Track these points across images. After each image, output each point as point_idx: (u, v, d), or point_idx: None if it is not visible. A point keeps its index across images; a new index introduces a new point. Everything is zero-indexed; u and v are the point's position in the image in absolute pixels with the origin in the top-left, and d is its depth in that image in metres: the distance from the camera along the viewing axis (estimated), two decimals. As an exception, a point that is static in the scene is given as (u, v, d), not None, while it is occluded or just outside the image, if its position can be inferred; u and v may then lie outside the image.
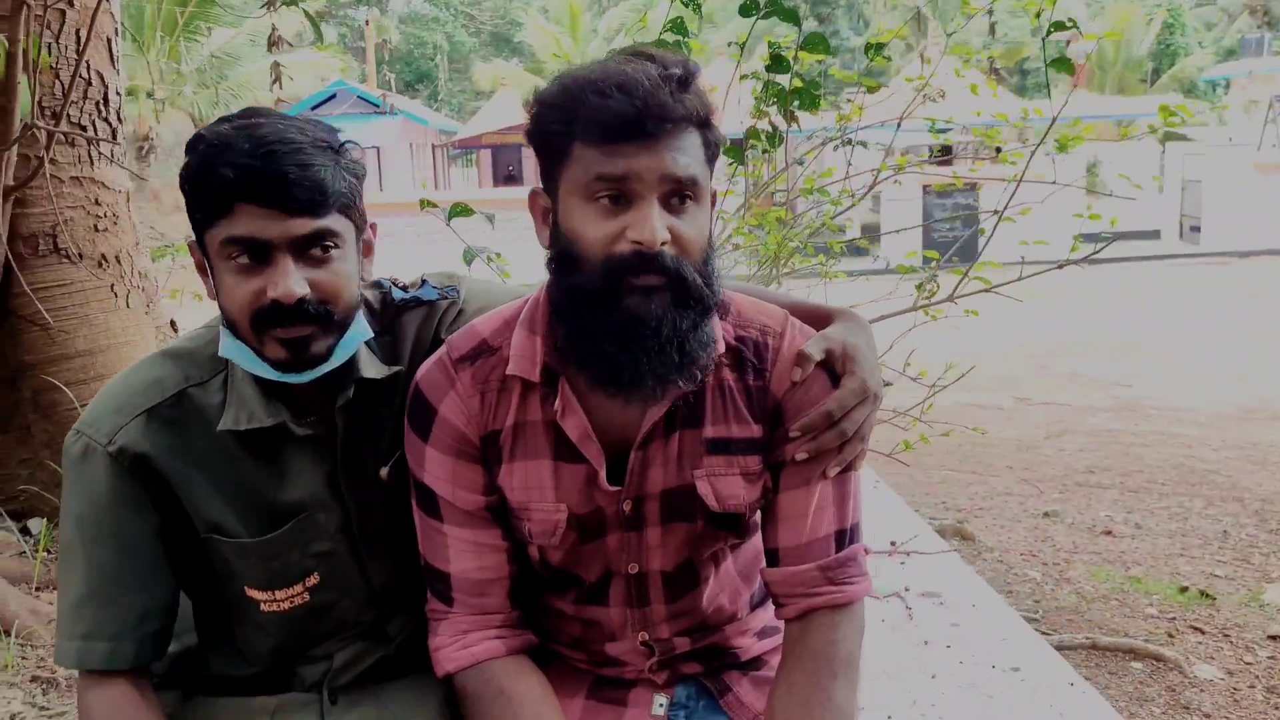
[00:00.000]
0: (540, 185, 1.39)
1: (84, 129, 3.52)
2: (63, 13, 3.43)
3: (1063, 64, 2.55)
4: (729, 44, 3.48)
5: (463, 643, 1.51)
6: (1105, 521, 5.23)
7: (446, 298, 1.68)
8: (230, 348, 1.45)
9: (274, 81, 7.00)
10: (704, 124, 1.33)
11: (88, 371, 3.53)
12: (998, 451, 6.69)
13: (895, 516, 4.31)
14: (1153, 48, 34.14)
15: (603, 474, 1.44)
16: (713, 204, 1.44)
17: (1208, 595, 4.20)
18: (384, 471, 1.57)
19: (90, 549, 1.49)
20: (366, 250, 1.53)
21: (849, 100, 3.63)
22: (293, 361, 1.42)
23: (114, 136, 3.62)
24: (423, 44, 37.59)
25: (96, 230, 3.62)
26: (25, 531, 3.47)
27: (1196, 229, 19.72)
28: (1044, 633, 3.78)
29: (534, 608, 1.60)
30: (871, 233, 17.56)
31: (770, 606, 1.65)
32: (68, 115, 3.46)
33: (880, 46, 3.50)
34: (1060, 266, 2.97)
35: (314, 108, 20.95)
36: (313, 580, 1.57)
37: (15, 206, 3.41)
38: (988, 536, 4.99)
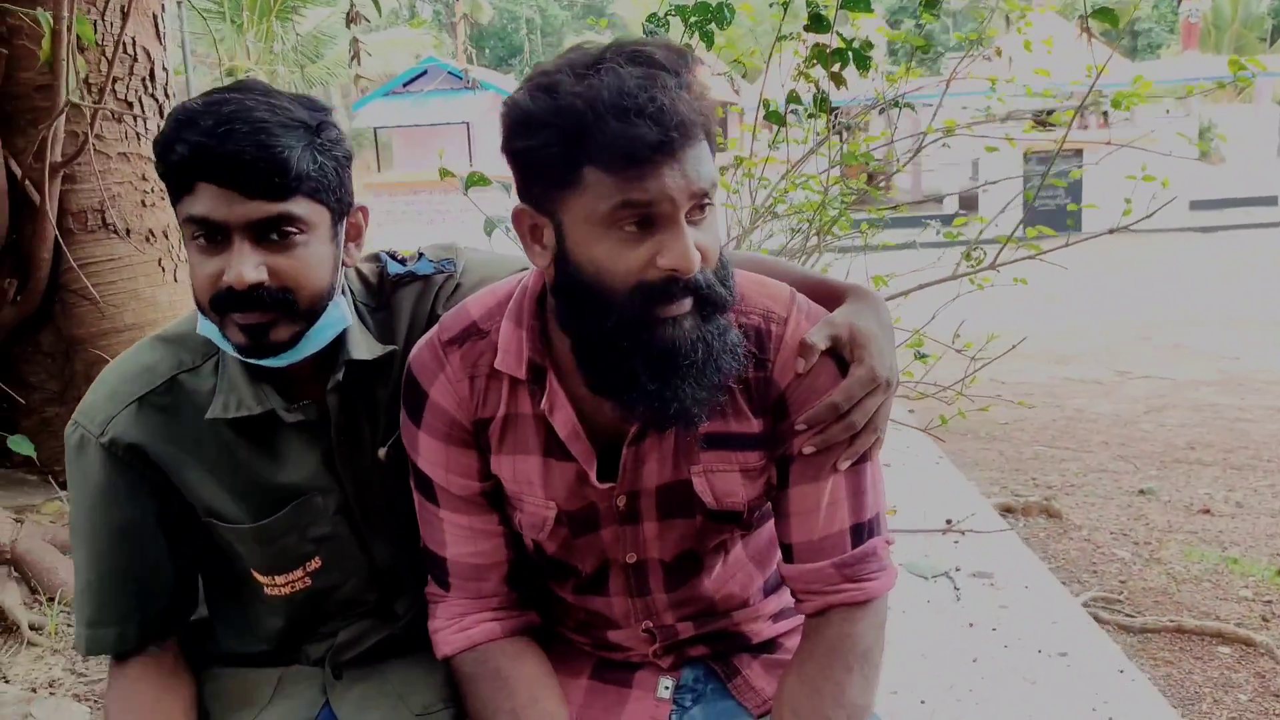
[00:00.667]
0: (525, 203, 1.28)
1: (130, 105, 3.55)
2: (107, -11, 3.46)
3: (1106, 15, 2.36)
4: (770, 4, 3.37)
5: (459, 625, 1.49)
6: (1204, 499, 5.00)
7: (443, 271, 1.64)
8: (205, 326, 1.42)
9: (353, 58, 7.07)
10: (710, 118, 1.23)
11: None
12: (1094, 426, 6.46)
13: (955, 493, 4.18)
14: (1274, 4, 32.41)
15: (592, 473, 1.39)
16: None
17: (1308, 577, 3.98)
18: (383, 452, 1.54)
19: (92, 537, 1.50)
20: (353, 234, 1.47)
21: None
22: (252, 347, 1.38)
23: (160, 112, 3.66)
24: (515, 18, 37.74)
25: (144, 205, 3.66)
26: (77, 501, 3.54)
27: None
28: (1126, 615, 3.66)
29: (538, 592, 1.57)
30: (970, 204, 17.21)
31: (786, 591, 1.58)
32: (113, 91, 3.50)
33: (933, 3, 3.34)
34: (1111, 232, 2.79)
35: (406, 84, 21.21)
36: (314, 564, 1.56)
37: (64, 183, 3.47)
38: (1077, 514, 4.81)
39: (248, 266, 1.31)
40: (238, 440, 1.49)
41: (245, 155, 1.28)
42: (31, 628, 3.04)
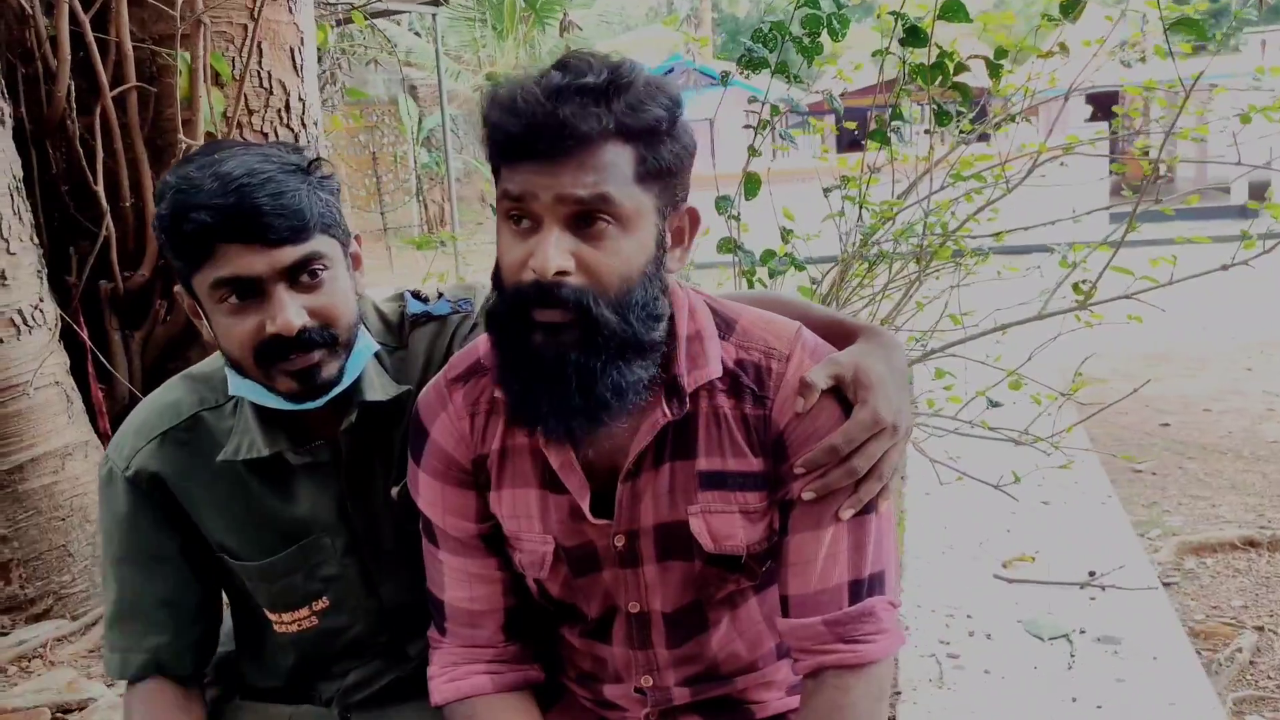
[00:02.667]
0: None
1: (265, 136, 3.74)
2: (245, 28, 3.65)
3: (1191, 27, 2.02)
4: (877, 15, 3.13)
5: (452, 674, 1.47)
6: None
7: (459, 311, 1.64)
8: (240, 386, 1.47)
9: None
10: (637, 136, 1.20)
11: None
12: None
13: (1111, 540, 3.78)
14: None
15: (586, 505, 1.35)
16: (692, 226, 1.33)
17: None
18: (395, 492, 1.55)
19: (118, 568, 1.57)
20: (355, 263, 1.51)
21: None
22: (305, 390, 1.42)
23: (295, 141, 3.83)
24: (772, 12, 37.53)
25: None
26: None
27: None
28: None
29: (547, 635, 1.55)
30: (1260, 194, 15.54)
31: None
32: (250, 123, 3.69)
33: (1069, 7, 3.01)
34: (1225, 269, 2.41)
35: (652, 83, 21.44)
36: (320, 604, 1.59)
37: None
38: None
39: (293, 312, 1.35)
40: (251, 479, 1.54)
41: (264, 208, 1.32)
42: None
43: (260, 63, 3.65)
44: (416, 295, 1.67)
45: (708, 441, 1.33)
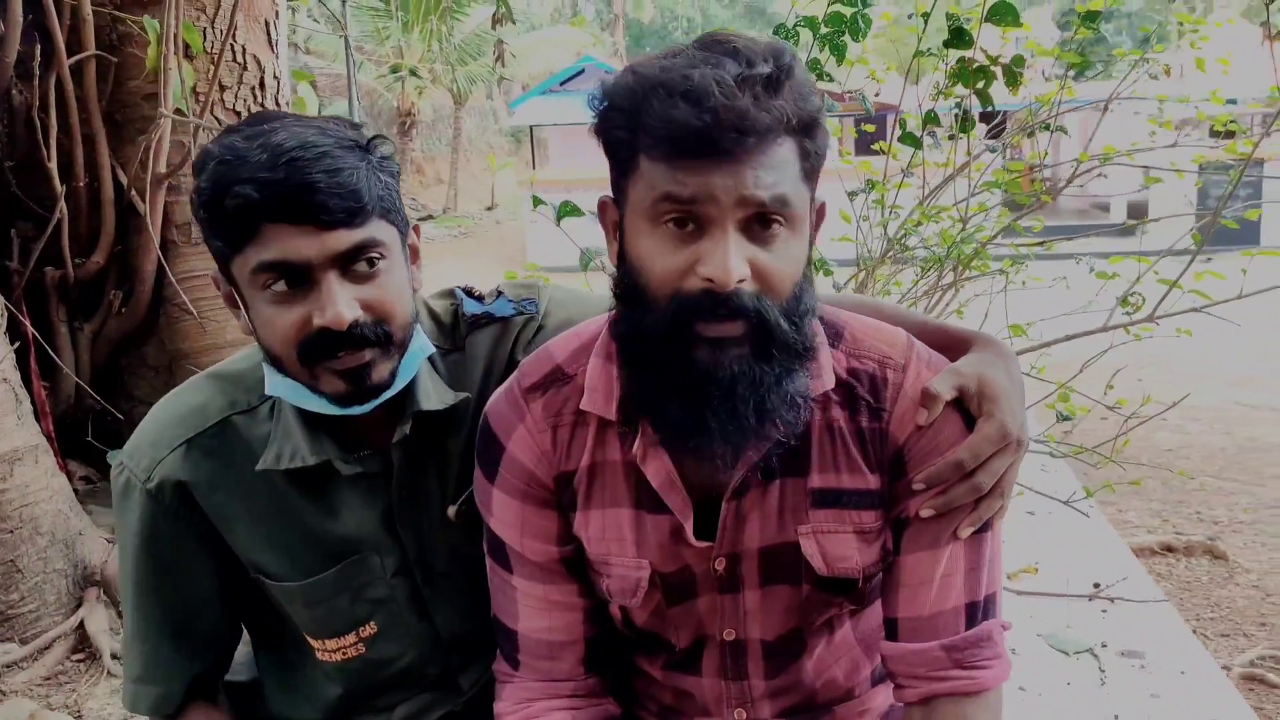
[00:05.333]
0: (611, 194, 1.20)
1: (238, 115, 3.47)
2: (218, -3, 3.38)
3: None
4: (909, 15, 3.05)
5: (526, 712, 1.35)
6: None
7: (523, 313, 1.50)
8: (279, 385, 1.31)
9: (497, 59, 7.04)
10: (803, 130, 1.12)
11: (237, 361, 3.51)
12: (1269, 457, 5.96)
13: (1106, 552, 3.77)
14: None
15: (689, 526, 1.25)
16: (819, 220, 1.23)
17: None
18: (452, 511, 1.41)
19: (138, 587, 1.42)
20: (413, 255, 1.35)
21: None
22: (353, 393, 1.26)
23: (270, 122, 3.57)
24: (676, 17, 37.79)
25: (249, 217, 3.58)
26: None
27: None
28: None
29: (621, 667, 1.44)
30: (1139, 213, 16.22)
31: None
32: (221, 100, 3.43)
33: (1092, 16, 2.96)
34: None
35: (562, 83, 21.36)
36: (368, 630, 1.45)
37: (168, 194, 3.41)
38: (1245, 557, 4.41)
39: (344, 304, 1.20)
40: (290, 490, 1.37)
41: (319, 185, 1.17)
42: (113, 656, 2.99)
43: (234, 35, 3.38)
44: (470, 293, 1.53)
45: (821, 457, 1.25)
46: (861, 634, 1.41)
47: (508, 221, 23.22)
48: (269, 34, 3.57)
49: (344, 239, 1.20)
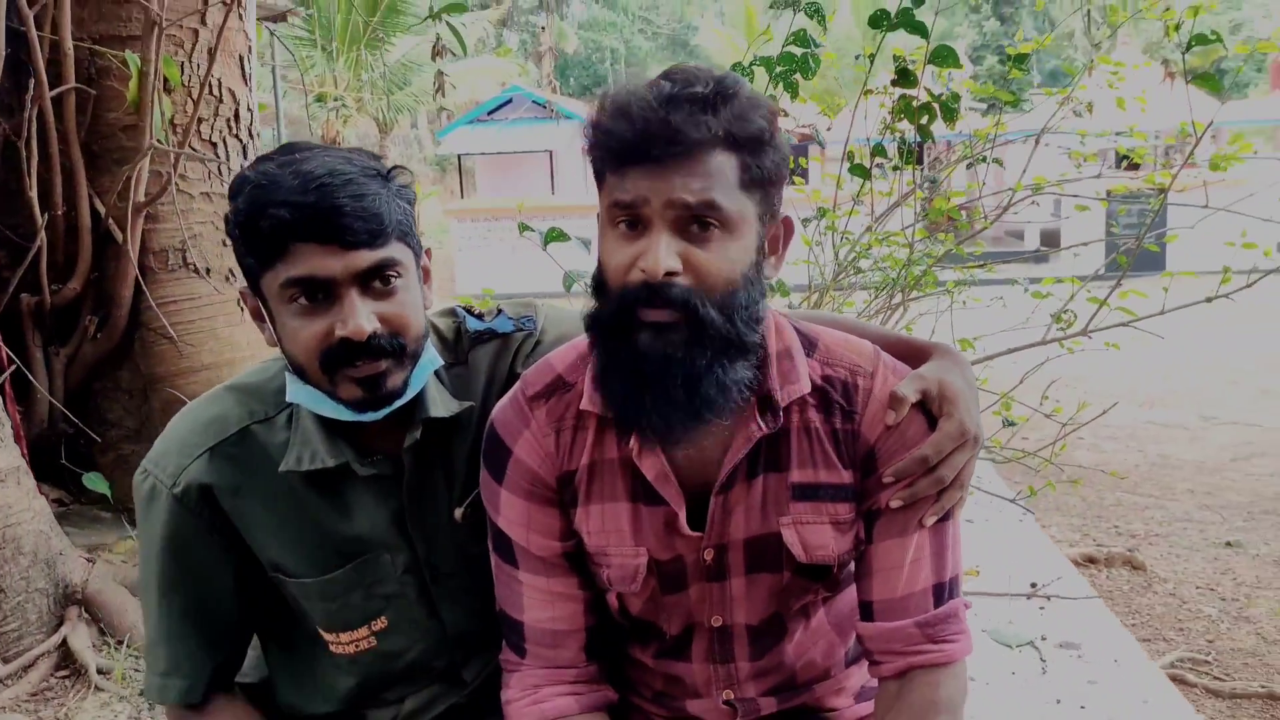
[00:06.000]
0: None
1: (214, 146, 3.59)
2: (195, 32, 3.50)
3: (1208, 81, 2.26)
4: (856, 56, 3.28)
5: (534, 698, 1.44)
6: None
7: (522, 329, 1.62)
8: (299, 393, 1.42)
9: (437, 90, 7.15)
10: (743, 146, 1.23)
11: (213, 384, 3.57)
12: (1179, 474, 6.25)
13: (1039, 555, 4.01)
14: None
15: (683, 516, 1.36)
16: (785, 234, 1.36)
17: None
18: (459, 512, 1.52)
19: (162, 590, 1.49)
20: (425, 276, 1.47)
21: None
22: (369, 399, 1.37)
23: (244, 154, 3.69)
24: (600, 48, 38.12)
25: (224, 245, 3.69)
26: (149, 540, 3.56)
27: None
28: (1215, 678, 3.50)
29: (616, 657, 1.53)
30: (1052, 240, 16.86)
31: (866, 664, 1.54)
32: (198, 132, 3.53)
33: (1022, 58, 3.23)
34: (1209, 301, 2.65)
35: (490, 112, 21.43)
36: (379, 624, 1.53)
37: (146, 222, 3.51)
38: (1161, 567, 4.65)
39: (364, 316, 1.32)
40: (308, 493, 1.47)
41: (345, 209, 1.29)
42: (99, 672, 3.04)
43: (211, 69, 3.50)
44: (470, 311, 1.66)
45: (800, 454, 1.37)
46: (834, 619, 1.51)
47: (434, 250, 23.13)
48: (243, 68, 3.69)
49: (366, 258, 1.32)
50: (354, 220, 1.30)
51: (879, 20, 3.07)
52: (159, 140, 3.32)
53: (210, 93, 3.53)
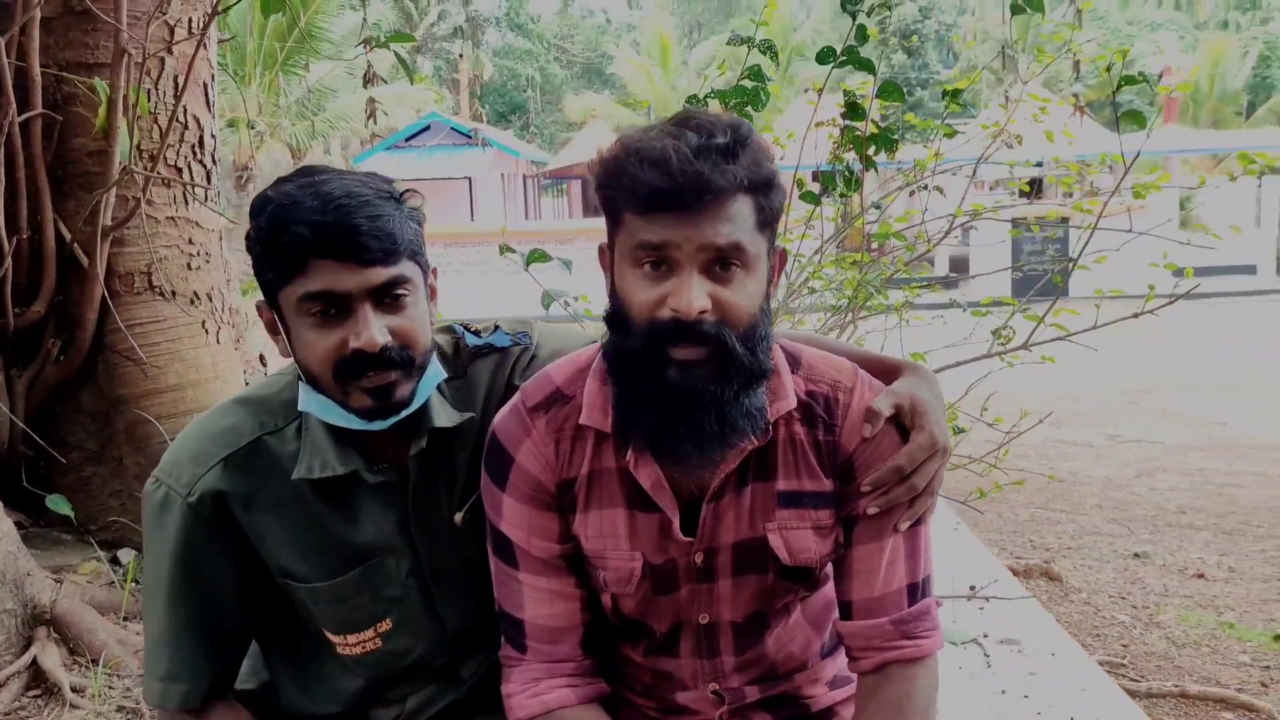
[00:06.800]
0: (606, 242, 1.42)
1: (180, 171, 3.64)
2: (162, 60, 3.56)
3: (1134, 117, 2.50)
4: (805, 90, 3.48)
5: (534, 690, 1.52)
6: (1197, 564, 5.12)
7: (519, 344, 1.71)
8: (310, 402, 1.49)
9: (369, 117, 7.19)
10: (758, 189, 1.33)
11: (179, 405, 3.64)
12: (1087, 490, 6.58)
13: (975, 560, 4.23)
14: (1248, 80, 33.25)
15: (676, 523, 1.45)
16: (780, 264, 1.47)
17: (1304, 644, 4.05)
18: (459, 517, 1.60)
19: (170, 596, 1.54)
20: (432, 294, 1.56)
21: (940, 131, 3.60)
22: (379, 408, 1.45)
23: (208, 179, 3.75)
24: (516, 76, 38.19)
25: (190, 268, 3.74)
26: (115, 561, 3.58)
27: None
28: (1132, 679, 3.71)
29: (606, 655, 1.62)
30: (960, 266, 17.43)
31: (842, 655, 1.66)
32: (164, 158, 3.59)
33: (956, 93, 3.47)
34: (1136, 316, 2.89)
35: (408, 139, 21.38)
36: (385, 626, 1.60)
37: (113, 246, 3.54)
38: (1075, 577, 4.91)
39: (377, 330, 1.40)
40: (317, 501, 1.54)
41: (362, 228, 1.37)
42: (73, 690, 3.06)
43: (177, 96, 3.56)
44: (468, 328, 1.75)
45: (786, 465, 1.47)
46: (810, 615, 1.62)
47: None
48: (206, 95, 3.76)
49: (380, 274, 1.40)
50: (370, 239, 1.38)
51: (826, 57, 3.28)
52: (124, 165, 3.37)
53: (176, 119, 3.59)
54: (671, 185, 1.27)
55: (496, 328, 1.74)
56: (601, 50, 40.67)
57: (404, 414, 1.48)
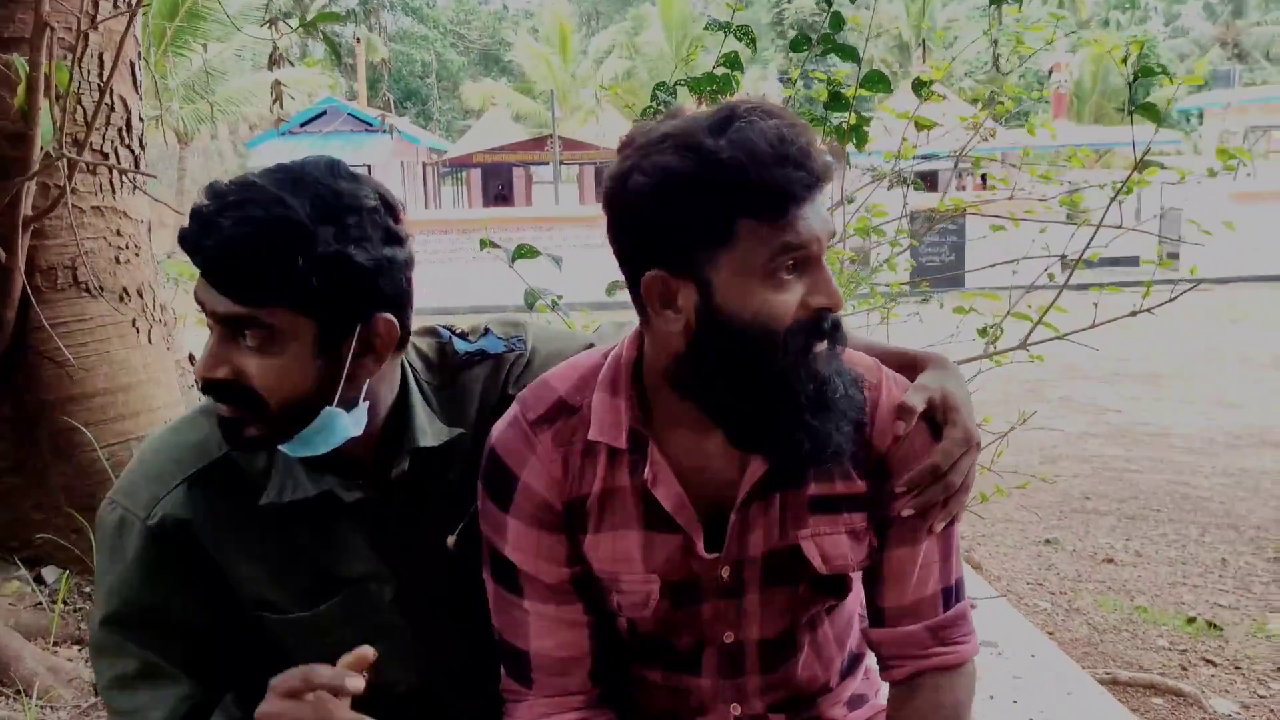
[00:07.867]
0: (657, 269, 1.22)
1: (105, 156, 3.37)
2: (86, 35, 3.28)
3: (1149, 110, 2.46)
4: (779, 79, 3.38)
5: None
6: (1105, 549, 5.21)
7: (513, 349, 1.57)
8: None
9: (274, 101, 6.88)
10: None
11: (108, 411, 3.37)
12: (996, 478, 6.65)
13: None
14: (1128, 78, 34.80)
15: (700, 544, 1.35)
16: None
17: (1215, 626, 4.15)
18: (451, 540, 1.46)
19: (129, 628, 1.39)
20: (372, 348, 1.33)
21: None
22: (225, 437, 1.33)
23: (136, 164, 3.48)
24: (411, 62, 37.55)
25: (118, 262, 3.47)
26: (39, 580, 3.31)
27: (1175, 256, 19.99)
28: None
29: (619, 678, 1.51)
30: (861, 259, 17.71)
31: (858, 673, 1.60)
32: (90, 143, 3.31)
33: (929, 84, 3.41)
34: (1134, 314, 2.88)
35: (303, 124, 20.79)
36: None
37: (34, 238, 3.26)
38: (994, 565, 4.94)
39: (209, 359, 1.27)
40: (291, 524, 1.40)
41: (213, 254, 1.23)
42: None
43: (102, 75, 3.29)
44: (454, 331, 1.60)
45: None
46: (837, 630, 1.54)
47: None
48: (134, 75, 3.49)
49: (229, 306, 1.25)
50: (219, 263, 1.24)
51: (800, 44, 3.18)
52: (52, 150, 3.10)
53: (104, 100, 3.32)
54: (814, 181, 1.18)
55: (487, 330, 1.59)
56: (499, 37, 40.26)
57: (300, 451, 1.33)
